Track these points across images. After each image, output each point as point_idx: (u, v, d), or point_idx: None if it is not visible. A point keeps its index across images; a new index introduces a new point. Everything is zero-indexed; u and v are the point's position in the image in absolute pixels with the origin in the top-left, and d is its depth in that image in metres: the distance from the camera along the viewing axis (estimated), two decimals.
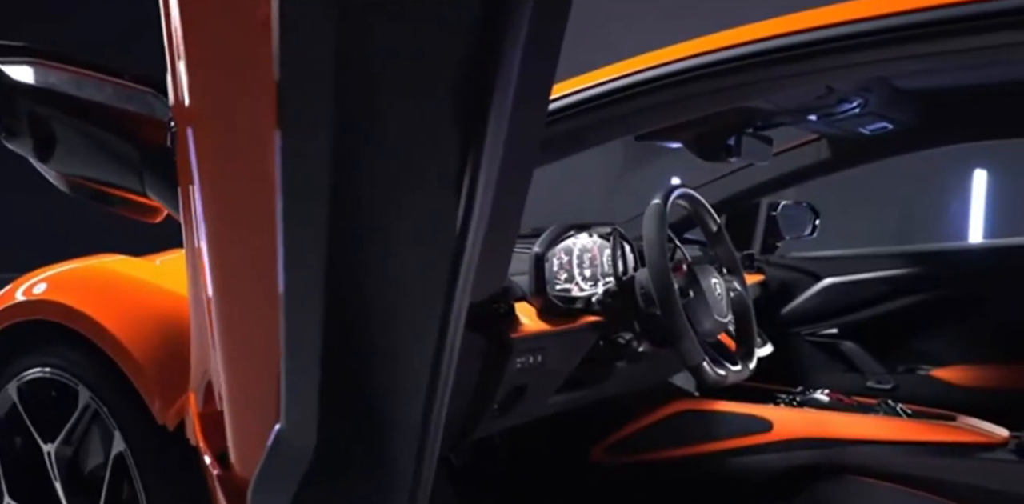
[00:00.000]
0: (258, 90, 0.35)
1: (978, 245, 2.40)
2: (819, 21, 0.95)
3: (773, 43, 0.96)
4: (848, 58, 0.95)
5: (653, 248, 1.29)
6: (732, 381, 1.36)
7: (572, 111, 1.10)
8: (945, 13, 0.87)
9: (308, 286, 0.39)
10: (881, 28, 0.91)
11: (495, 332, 1.22)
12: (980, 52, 0.93)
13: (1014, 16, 0.86)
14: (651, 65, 1.05)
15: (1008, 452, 1.42)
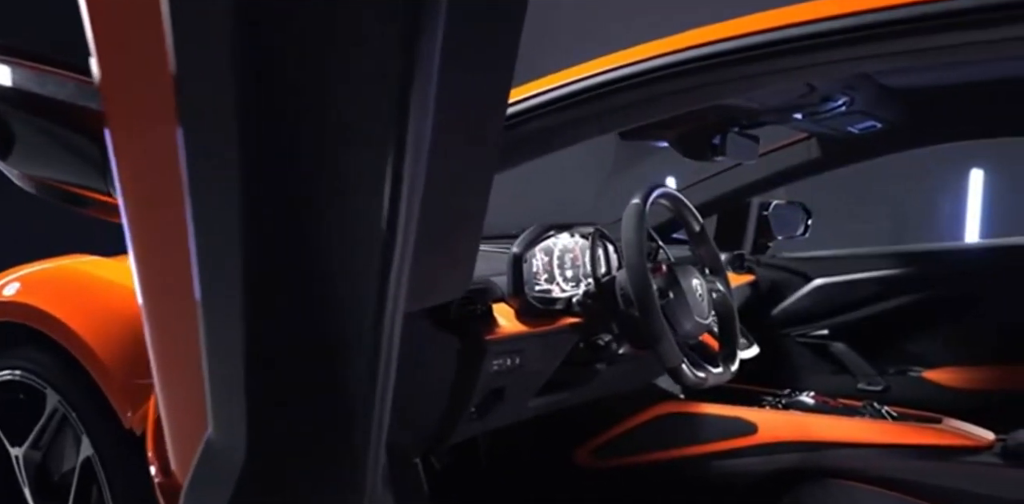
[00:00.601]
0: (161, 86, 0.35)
1: (970, 245, 2.39)
2: (785, 20, 0.94)
3: (739, 42, 0.96)
4: (814, 57, 0.94)
5: (631, 248, 1.28)
6: (713, 383, 1.35)
7: (543, 111, 1.10)
8: (911, 11, 0.86)
9: (224, 291, 0.38)
10: (847, 27, 0.90)
11: (470, 333, 1.21)
12: (949, 50, 0.92)
13: (984, 14, 0.86)
14: (620, 64, 1.05)
15: (993, 455, 1.41)
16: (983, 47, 0.95)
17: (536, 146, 1.18)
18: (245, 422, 0.42)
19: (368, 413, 0.48)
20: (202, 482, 0.45)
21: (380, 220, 0.41)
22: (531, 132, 1.13)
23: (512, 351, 1.30)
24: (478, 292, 1.27)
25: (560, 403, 1.53)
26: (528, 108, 1.11)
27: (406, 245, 0.44)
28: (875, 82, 1.63)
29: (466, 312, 1.23)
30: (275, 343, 0.41)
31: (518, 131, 1.12)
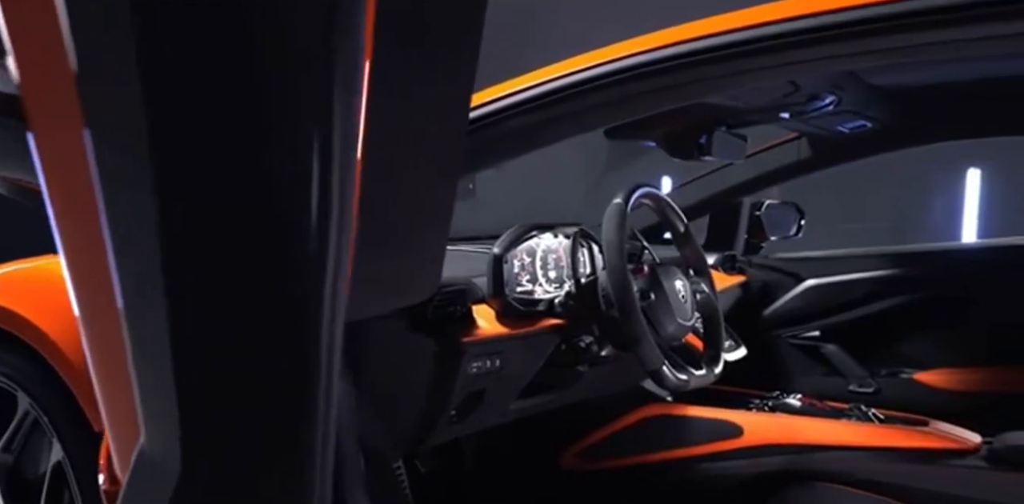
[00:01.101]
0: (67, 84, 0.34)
1: (963, 245, 2.39)
2: (763, 17, 0.94)
3: (718, 40, 0.95)
4: (792, 55, 0.93)
5: (612, 249, 1.27)
6: (695, 386, 1.34)
7: (523, 108, 1.09)
8: (889, 9, 0.86)
9: (146, 297, 0.38)
10: (826, 24, 0.89)
11: (447, 335, 1.20)
12: (928, 48, 0.92)
13: (961, 12, 0.85)
14: (599, 62, 1.04)
15: (978, 459, 1.41)
16: (963, 45, 0.95)
17: (518, 144, 1.18)
18: (178, 430, 0.41)
19: (310, 420, 0.47)
20: (137, 491, 0.44)
21: (308, 221, 0.40)
22: (512, 130, 1.12)
23: (492, 353, 1.29)
24: (457, 293, 1.26)
25: (543, 406, 1.52)
26: (508, 105, 1.10)
27: (340, 247, 0.43)
28: (863, 81, 1.63)
29: (444, 314, 1.23)
30: (203, 350, 0.40)
31: (499, 128, 1.11)
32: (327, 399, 0.49)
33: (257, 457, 0.45)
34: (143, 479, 0.43)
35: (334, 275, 0.43)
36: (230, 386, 0.42)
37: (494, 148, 1.16)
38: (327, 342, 0.45)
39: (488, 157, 1.18)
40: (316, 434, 0.49)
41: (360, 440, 1.13)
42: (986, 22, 0.86)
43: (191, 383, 0.40)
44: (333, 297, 0.43)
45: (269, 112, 0.37)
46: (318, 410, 0.48)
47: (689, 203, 2.29)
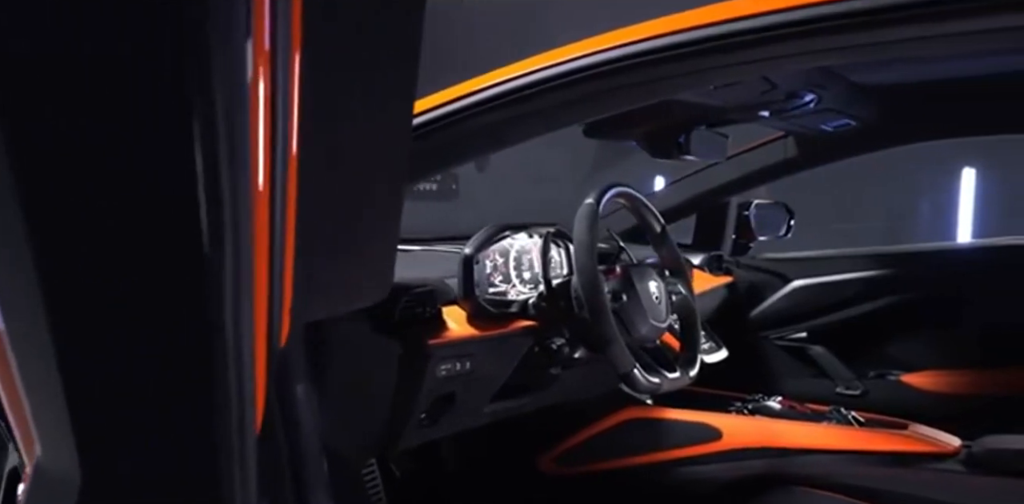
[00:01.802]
0: None
1: (953, 246, 2.38)
2: (734, 13, 0.93)
3: (687, 36, 0.94)
4: (763, 51, 0.93)
5: (582, 250, 1.26)
6: (668, 389, 1.33)
7: (489, 106, 1.08)
8: (860, 4, 0.85)
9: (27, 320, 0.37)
10: (796, 20, 0.89)
11: (412, 338, 1.19)
12: (901, 45, 0.91)
13: (933, 7, 0.84)
14: (565, 59, 1.03)
15: (957, 462, 1.40)
16: (938, 41, 0.94)
17: (484, 142, 1.17)
18: (74, 442, 0.40)
19: (219, 423, 0.46)
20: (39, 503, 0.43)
21: (198, 233, 0.39)
22: (478, 127, 1.11)
23: (461, 355, 1.28)
24: (426, 294, 1.25)
25: (519, 409, 1.51)
26: (474, 103, 1.09)
27: (237, 247, 0.42)
28: (844, 79, 1.62)
29: (412, 315, 1.22)
30: (91, 357, 0.39)
31: (464, 126, 1.11)
32: (240, 401, 0.47)
33: (162, 464, 0.44)
34: (42, 493, 0.42)
35: (233, 275, 0.42)
36: (123, 393, 0.41)
37: (460, 146, 1.15)
38: (232, 342, 0.44)
39: (454, 155, 1.18)
40: (230, 438, 0.48)
41: (324, 442, 1.12)
42: (948, 20, 0.85)
43: (81, 392, 0.39)
44: (235, 298, 0.42)
45: (139, 113, 0.36)
46: (229, 413, 0.47)
47: (675, 203, 2.28)
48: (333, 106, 0.66)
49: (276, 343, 0.69)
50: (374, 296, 0.84)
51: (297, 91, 0.61)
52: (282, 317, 0.68)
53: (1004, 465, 1.35)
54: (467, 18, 3.94)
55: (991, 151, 3.89)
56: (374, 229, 0.77)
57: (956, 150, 3.91)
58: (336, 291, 0.80)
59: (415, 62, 0.69)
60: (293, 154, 0.64)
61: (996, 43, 1.07)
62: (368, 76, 0.66)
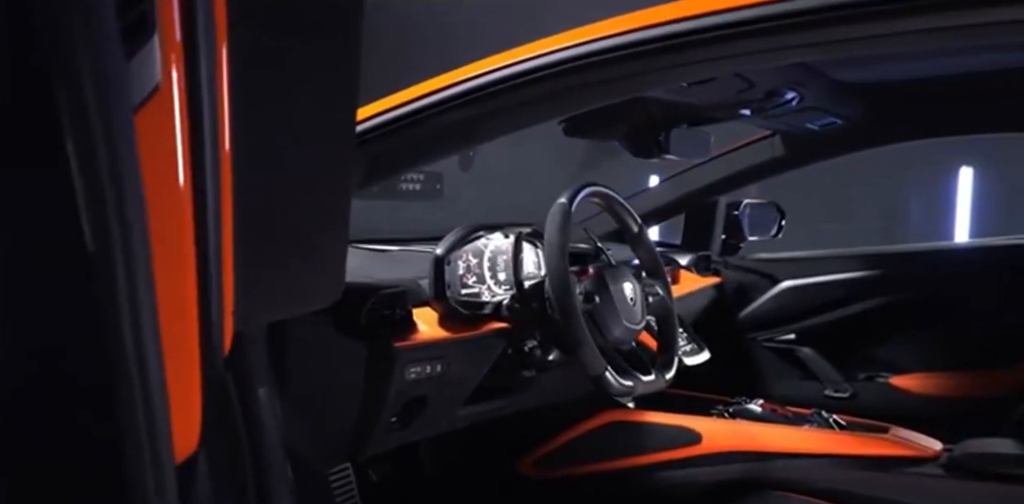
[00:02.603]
0: None
1: (944, 246, 2.37)
2: (699, 10, 0.92)
3: (650, 33, 0.94)
4: (728, 48, 0.92)
5: (553, 250, 1.25)
6: (642, 392, 1.33)
7: (454, 104, 1.07)
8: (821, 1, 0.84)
9: None
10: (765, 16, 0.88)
11: (378, 340, 1.18)
12: (870, 42, 0.90)
13: (903, 4, 0.84)
14: (528, 56, 1.02)
15: (937, 466, 1.39)
16: (907, 38, 0.93)
17: (451, 140, 1.16)
18: None
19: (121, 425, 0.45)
20: None
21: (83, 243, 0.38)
22: (445, 125, 1.11)
23: (432, 358, 1.27)
24: (395, 296, 1.24)
25: (496, 412, 1.50)
26: (440, 101, 1.09)
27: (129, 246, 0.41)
28: (827, 77, 1.61)
29: (379, 317, 1.21)
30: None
31: (430, 125, 1.10)
32: (147, 403, 0.46)
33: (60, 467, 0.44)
34: None
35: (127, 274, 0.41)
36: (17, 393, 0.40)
37: (427, 145, 1.14)
38: (132, 343, 0.43)
39: (421, 154, 1.17)
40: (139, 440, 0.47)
41: (288, 447, 1.12)
42: (914, 15, 0.85)
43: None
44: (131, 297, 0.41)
45: None
46: (136, 415, 0.46)
47: (662, 203, 2.27)
48: (271, 106, 0.65)
49: (218, 350, 0.68)
50: (326, 298, 0.83)
51: (227, 88, 0.60)
52: (223, 322, 0.67)
53: (984, 469, 1.34)
54: (468, 18, 3.93)
55: (988, 150, 3.88)
56: (321, 230, 0.76)
57: (952, 149, 3.90)
58: (285, 294, 0.79)
59: (356, 62, 0.68)
60: (226, 152, 0.63)
61: (970, 40, 1.06)
62: (306, 77, 0.65)
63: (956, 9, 0.87)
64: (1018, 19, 0.87)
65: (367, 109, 1.13)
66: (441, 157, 1.20)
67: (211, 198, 0.61)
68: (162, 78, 0.47)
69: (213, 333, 0.66)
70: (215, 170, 0.60)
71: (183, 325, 0.61)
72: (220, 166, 0.61)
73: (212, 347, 0.67)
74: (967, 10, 0.87)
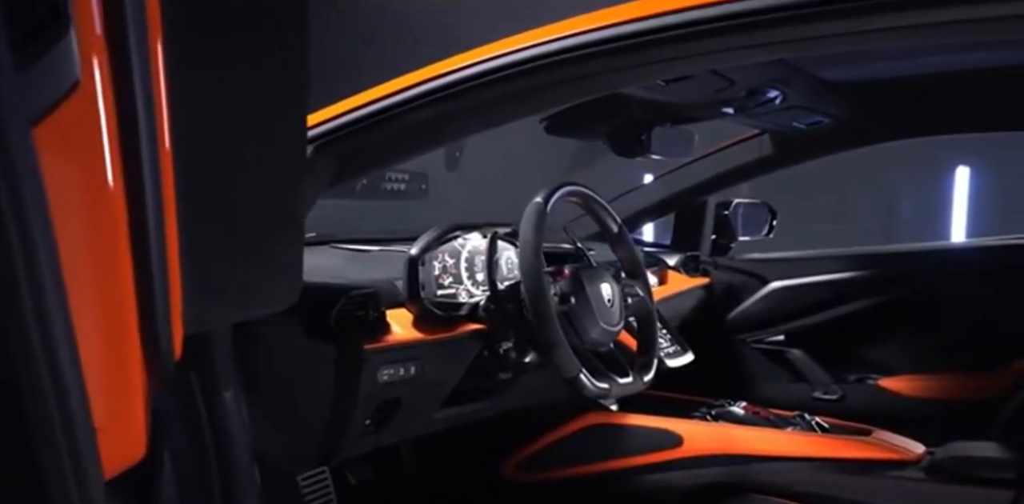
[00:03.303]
0: None
1: (934, 246, 2.36)
2: (666, 7, 0.91)
3: (615, 31, 0.93)
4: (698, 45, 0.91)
5: (527, 251, 1.25)
6: (619, 394, 1.32)
7: (420, 102, 1.07)
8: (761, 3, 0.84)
9: None
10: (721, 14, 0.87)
11: (347, 342, 1.17)
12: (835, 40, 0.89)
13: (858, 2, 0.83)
14: (492, 55, 1.02)
15: (918, 470, 1.38)
16: (878, 35, 0.92)
17: (419, 139, 1.15)
18: None
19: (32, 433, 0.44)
20: None
21: None
22: (412, 124, 1.10)
23: (405, 359, 1.27)
24: (367, 297, 1.23)
25: (474, 414, 1.49)
26: (408, 99, 1.08)
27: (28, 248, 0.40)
28: (811, 76, 1.60)
29: (350, 319, 1.20)
30: None
31: (397, 123, 1.09)
32: (62, 407, 0.46)
33: None
34: None
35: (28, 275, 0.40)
36: None
37: (396, 143, 1.14)
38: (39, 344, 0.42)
39: (391, 153, 1.16)
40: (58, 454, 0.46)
41: (257, 451, 1.11)
42: (877, 14, 0.84)
43: None
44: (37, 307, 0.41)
45: None
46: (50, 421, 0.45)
47: (649, 203, 2.26)
48: (215, 104, 0.65)
49: (166, 354, 0.67)
50: (285, 300, 0.83)
51: (164, 86, 0.59)
52: (170, 325, 0.67)
53: (966, 473, 1.34)
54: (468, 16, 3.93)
55: (986, 150, 3.87)
56: (273, 230, 0.75)
57: (949, 149, 3.89)
58: (240, 295, 0.78)
59: (303, 59, 0.68)
60: (166, 151, 0.62)
61: (947, 38, 1.05)
62: (252, 75, 0.64)
63: (931, 7, 0.86)
64: (996, 16, 0.86)
65: (336, 107, 1.13)
66: (412, 156, 1.19)
67: (150, 198, 0.60)
68: (83, 74, 0.46)
69: (160, 337, 0.65)
70: (153, 169, 0.59)
71: (120, 331, 0.60)
72: (160, 165, 0.60)
73: (159, 351, 0.66)
74: (942, 7, 0.87)
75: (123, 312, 0.60)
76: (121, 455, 0.68)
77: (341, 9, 3.57)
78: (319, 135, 1.11)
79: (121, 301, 0.59)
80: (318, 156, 1.11)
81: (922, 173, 4.08)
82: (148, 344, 0.65)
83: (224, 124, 0.66)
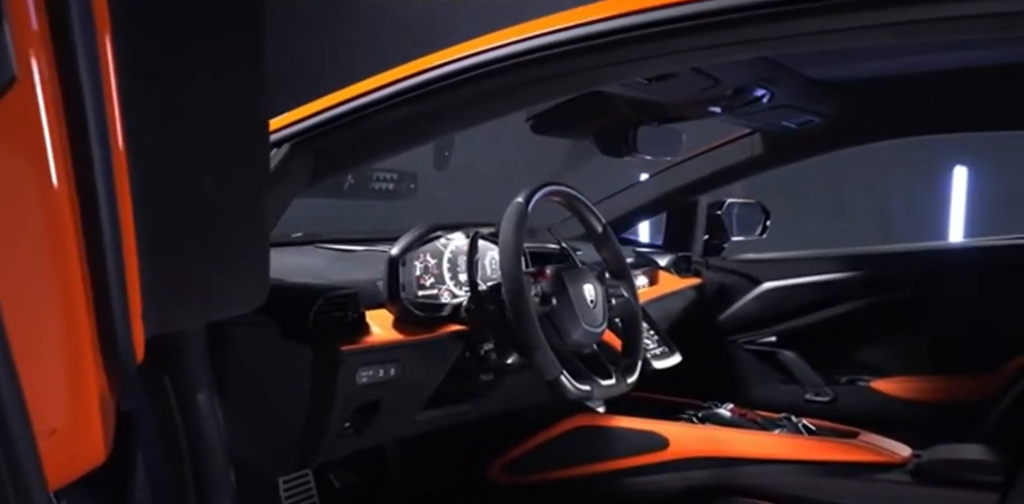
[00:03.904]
0: None
1: (929, 246, 2.35)
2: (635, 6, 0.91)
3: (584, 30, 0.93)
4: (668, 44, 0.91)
5: (507, 251, 1.24)
6: (602, 396, 1.31)
7: (396, 101, 1.06)
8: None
9: None
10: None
11: (323, 343, 1.17)
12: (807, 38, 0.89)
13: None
14: (468, 53, 1.01)
15: (904, 473, 1.38)
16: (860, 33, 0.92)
17: (395, 138, 1.15)
18: None
19: None
20: None
21: None
22: (388, 123, 1.09)
23: (384, 361, 1.26)
24: (345, 298, 1.23)
25: (458, 416, 1.49)
26: (382, 98, 1.07)
27: None
28: (798, 74, 1.60)
29: (328, 320, 1.19)
30: None
31: (372, 122, 1.09)
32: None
33: None
34: None
35: None
36: None
37: (375, 142, 1.13)
38: None
39: (369, 151, 1.16)
40: None
41: (233, 452, 1.10)
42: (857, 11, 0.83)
43: None
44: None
45: None
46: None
47: (640, 203, 2.26)
48: (173, 103, 0.64)
49: (125, 356, 0.66)
50: (252, 300, 0.82)
51: (115, 83, 0.58)
52: (129, 326, 0.66)
53: (952, 476, 1.33)
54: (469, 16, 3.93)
55: (985, 149, 3.86)
56: (235, 229, 0.74)
57: (947, 148, 3.89)
58: (204, 295, 0.77)
59: (260, 57, 0.67)
60: (119, 150, 0.61)
61: (918, 37, 1.05)
62: (209, 72, 0.64)
63: (904, 5, 0.86)
64: (982, 13, 0.85)
65: (312, 105, 1.12)
66: (390, 154, 1.19)
67: (103, 198, 0.59)
68: (19, 69, 0.45)
69: (118, 338, 0.65)
70: (106, 169, 0.59)
71: (72, 332, 0.59)
72: (112, 165, 0.60)
73: (118, 353, 0.65)
74: (926, 4, 0.86)
75: (74, 313, 0.59)
76: (79, 458, 0.67)
77: (341, 9, 3.58)
78: (295, 133, 1.10)
79: (72, 302, 0.58)
80: (294, 155, 1.10)
81: (919, 173, 4.07)
82: (105, 345, 0.64)
83: (181, 123, 0.65)
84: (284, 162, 1.09)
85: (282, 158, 1.09)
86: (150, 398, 1.07)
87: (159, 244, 0.68)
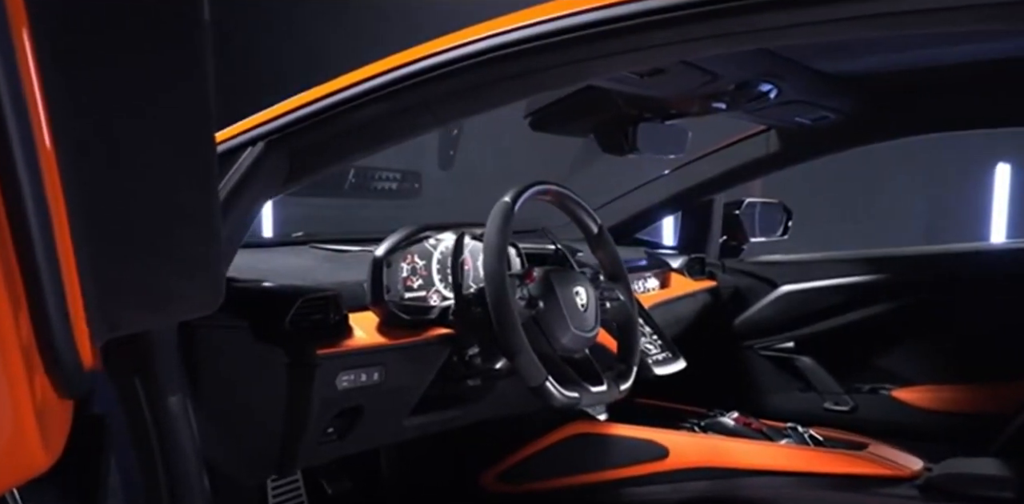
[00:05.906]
0: None
1: (953, 248, 2.30)
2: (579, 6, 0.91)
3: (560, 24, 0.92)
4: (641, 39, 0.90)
5: (491, 252, 1.23)
6: (591, 404, 1.30)
7: (369, 98, 1.06)
8: None
9: None
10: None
11: (299, 346, 1.17)
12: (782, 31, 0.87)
13: None
14: (442, 48, 1.01)
15: (912, 487, 1.35)
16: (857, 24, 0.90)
17: (381, 135, 1.15)
18: None
19: None
20: None
21: None
22: (361, 121, 1.09)
23: (366, 365, 1.26)
24: (327, 299, 1.23)
25: (447, 423, 1.48)
26: (356, 95, 1.07)
27: None
28: (806, 68, 1.57)
29: (307, 322, 1.20)
30: None
31: (354, 118, 1.09)
32: None
33: None
34: None
35: None
36: None
37: (353, 139, 1.13)
38: None
39: (347, 149, 1.16)
40: None
41: (208, 457, 1.11)
42: None
43: None
44: None
45: None
46: None
47: (652, 203, 2.24)
48: (103, 101, 0.64)
49: (69, 362, 0.66)
50: (207, 302, 0.82)
51: (37, 80, 0.59)
52: (71, 331, 0.66)
53: (963, 490, 1.30)
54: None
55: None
56: (181, 229, 0.75)
57: (990, 144, 3.80)
58: (151, 299, 0.78)
59: (202, 54, 0.67)
60: (47, 149, 0.62)
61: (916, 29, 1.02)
62: (141, 71, 0.64)
63: None
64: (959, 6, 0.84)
65: (288, 103, 1.13)
66: (369, 153, 1.18)
67: (29, 199, 0.59)
68: None
69: (57, 343, 0.65)
70: (31, 169, 0.59)
71: (21, 339, 0.60)
72: (40, 165, 0.60)
73: (60, 358, 0.65)
74: None
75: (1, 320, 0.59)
76: (14, 467, 0.67)
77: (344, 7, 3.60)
78: (270, 131, 1.11)
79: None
80: (269, 152, 1.11)
81: (958, 171, 3.99)
82: (44, 351, 0.65)
83: (115, 122, 0.65)
84: (258, 160, 1.10)
85: (256, 156, 1.10)
86: (121, 401, 1.08)
87: (98, 245, 0.68)
